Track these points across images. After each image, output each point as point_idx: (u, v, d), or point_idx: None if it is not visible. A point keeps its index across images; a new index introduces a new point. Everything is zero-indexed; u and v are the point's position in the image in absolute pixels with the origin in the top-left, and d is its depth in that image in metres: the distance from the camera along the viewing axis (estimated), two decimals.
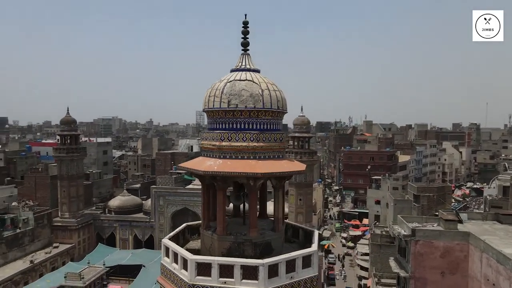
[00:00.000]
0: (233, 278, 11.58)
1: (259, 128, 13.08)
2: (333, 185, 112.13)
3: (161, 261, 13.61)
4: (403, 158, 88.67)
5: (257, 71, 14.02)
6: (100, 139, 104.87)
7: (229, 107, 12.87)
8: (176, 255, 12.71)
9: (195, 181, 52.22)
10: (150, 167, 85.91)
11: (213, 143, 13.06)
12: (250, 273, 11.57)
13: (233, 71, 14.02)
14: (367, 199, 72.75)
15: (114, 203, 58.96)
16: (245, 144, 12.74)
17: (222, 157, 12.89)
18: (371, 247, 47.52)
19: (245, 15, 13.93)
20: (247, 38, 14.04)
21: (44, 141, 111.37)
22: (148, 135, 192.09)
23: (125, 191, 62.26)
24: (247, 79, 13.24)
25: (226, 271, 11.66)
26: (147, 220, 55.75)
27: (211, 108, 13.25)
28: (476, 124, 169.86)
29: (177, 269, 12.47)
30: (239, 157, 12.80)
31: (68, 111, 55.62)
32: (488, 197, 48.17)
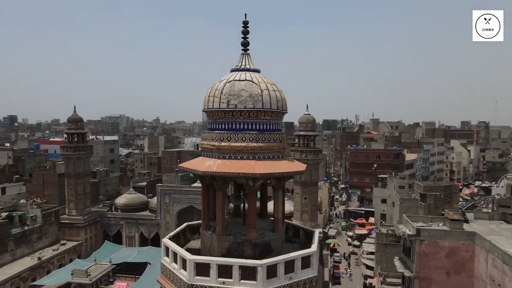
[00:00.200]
0: (232, 278, 11.60)
1: (259, 128, 13.05)
2: (339, 183, 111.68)
3: (161, 261, 13.69)
4: (410, 156, 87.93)
5: (257, 71, 13.98)
6: (107, 137, 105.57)
7: (228, 107, 12.86)
8: (175, 255, 12.77)
9: None
10: (156, 165, 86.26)
11: (213, 143, 13.07)
12: (248, 273, 11.58)
13: (233, 71, 14.01)
14: (373, 198, 72.33)
15: (120, 201, 59.27)
16: (244, 144, 12.73)
17: (221, 157, 12.90)
18: (376, 246, 47.27)
19: (245, 14, 13.91)
20: (247, 38, 14.01)
21: (51, 139, 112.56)
22: (155, 133, 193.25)
23: (132, 189, 62.57)
24: (246, 79, 13.21)
25: (224, 272, 11.68)
26: (153, 218, 55.99)
27: (210, 108, 13.25)
28: (485, 122, 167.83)
29: (177, 269, 12.53)
30: (239, 158, 12.79)
31: (75, 109, 56.01)
32: (496, 196, 47.57)
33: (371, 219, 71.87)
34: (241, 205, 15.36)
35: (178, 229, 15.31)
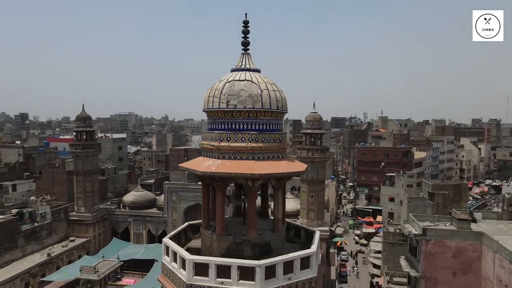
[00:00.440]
0: (230, 278, 11.62)
1: (258, 128, 13.01)
2: (347, 181, 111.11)
3: (162, 260, 13.77)
4: (419, 154, 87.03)
5: (257, 71, 13.92)
6: (115, 135, 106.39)
7: (228, 107, 12.83)
8: (175, 254, 12.82)
9: None
10: (164, 163, 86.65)
11: (212, 143, 13.07)
12: (247, 273, 11.58)
13: (233, 71, 13.97)
14: (380, 196, 71.79)
15: (128, 198, 59.71)
16: (243, 144, 12.70)
17: (221, 157, 12.89)
18: (383, 245, 46.96)
19: (246, 14, 13.83)
20: (248, 37, 13.94)
21: (61, 137, 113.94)
22: (163, 130, 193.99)
23: (139, 186, 62.96)
24: (246, 79, 13.17)
25: (223, 272, 11.70)
26: (160, 215, 56.36)
27: (210, 108, 13.25)
28: (496, 119, 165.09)
29: (176, 268, 12.58)
30: (238, 158, 12.77)
31: (83, 108, 56.46)
32: (506, 195, 46.81)
33: (379, 218, 71.35)
34: (242, 205, 15.35)
35: (179, 228, 15.39)
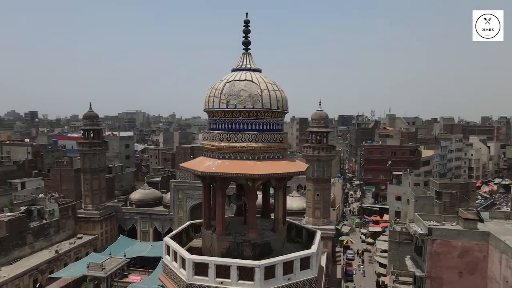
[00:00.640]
0: (230, 278, 11.64)
1: (258, 128, 12.98)
2: (354, 179, 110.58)
3: (163, 259, 13.84)
4: (427, 153, 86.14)
5: (258, 71, 13.88)
6: (122, 133, 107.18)
7: (228, 107, 12.83)
8: (175, 254, 12.88)
9: None
10: (170, 160, 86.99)
11: (213, 143, 13.08)
12: (246, 274, 11.59)
13: (234, 70, 13.94)
14: (387, 195, 71.31)
15: (135, 196, 60.15)
16: (244, 144, 12.69)
17: (221, 157, 12.90)
18: (389, 244, 46.71)
19: (246, 13, 13.78)
20: (248, 37, 13.89)
21: (69, 135, 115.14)
22: (170, 128, 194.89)
23: (146, 184, 63.37)
24: (246, 79, 13.14)
25: (223, 272, 11.73)
26: (167, 213, 56.71)
27: (210, 108, 13.25)
28: (506, 117, 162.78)
29: (176, 268, 12.64)
30: (238, 158, 12.76)
31: (90, 106, 56.87)
32: None
33: (386, 216, 70.90)
34: (243, 205, 15.35)
35: (181, 228, 15.46)
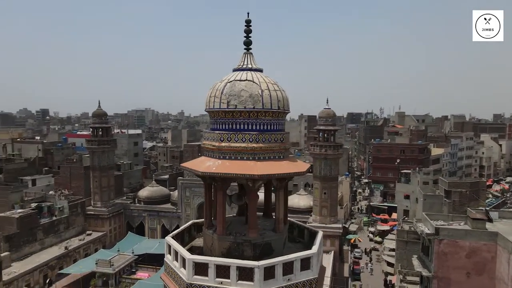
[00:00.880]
0: (229, 279, 11.66)
1: (259, 128, 12.94)
2: (362, 177, 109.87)
3: (165, 259, 13.93)
4: (437, 151, 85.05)
5: (259, 71, 13.82)
6: (131, 131, 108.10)
7: (229, 107, 12.81)
8: (176, 253, 12.95)
9: None
10: (178, 158, 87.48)
11: (213, 143, 13.09)
12: (246, 274, 11.60)
13: (235, 70, 13.91)
14: (395, 194, 70.61)
15: (143, 193, 60.61)
16: (244, 145, 12.67)
17: (221, 157, 12.90)
18: (397, 243, 46.32)
19: (248, 13, 13.71)
20: (250, 37, 13.82)
21: (79, 132, 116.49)
22: (179, 126, 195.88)
23: (154, 182, 63.79)
24: (247, 79, 13.09)
25: (223, 272, 11.76)
26: (174, 210, 57.05)
27: (211, 108, 13.25)
28: None
29: (177, 267, 12.71)
30: (239, 158, 12.75)
31: (99, 104, 57.35)
32: None
33: (394, 215, 70.29)
34: (244, 204, 15.33)
35: (183, 227, 15.52)
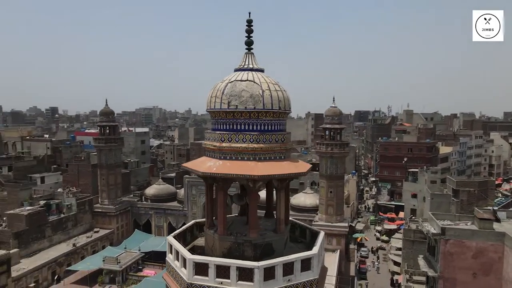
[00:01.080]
0: (229, 279, 11.70)
1: (260, 129, 12.94)
2: (369, 176, 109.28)
3: (166, 258, 14.02)
4: (445, 149, 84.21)
5: (261, 71, 13.80)
6: (138, 129, 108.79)
7: (229, 108, 12.82)
8: (178, 253, 13.03)
9: None
10: (185, 156, 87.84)
11: (214, 143, 13.12)
12: (246, 274, 11.63)
13: (236, 70, 13.91)
14: (403, 192, 70.21)
15: (150, 191, 60.98)
16: (245, 145, 12.68)
17: (222, 158, 12.93)
18: (403, 242, 46.11)
19: (249, 13, 13.66)
20: (251, 36, 13.80)
21: (87, 130, 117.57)
22: (186, 124, 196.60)
23: (161, 180, 64.16)
24: (248, 80, 13.09)
25: (222, 272, 11.80)
26: (181, 208, 57.33)
27: (212, 108, 13.29)
28: None
29: (178, 267, 12.79)
30: (239, 158, 12.77)
31: (106, 103, 57.73)
32: None
33: (401, 214, 69.89)
34: (246, 204, 15.35)
35: (184, 227, 15.61)
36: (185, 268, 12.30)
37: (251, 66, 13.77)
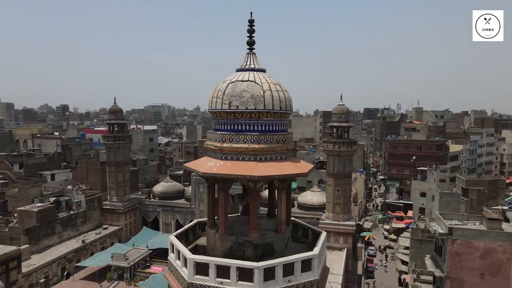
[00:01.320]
0: (230, 279, 11.73)
1: (261, 129, 12.90)
2: (378, 174, 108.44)
3: (168, 257, 14.11)
4: (455, 148, 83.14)
5: (262, 71, 13.74)
6: (146, 127, 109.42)
7: (230, 108, 12.81)
8: (179, 253, 13.10)
9: None
10: (193, 154, 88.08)
11: (215, 144, 13.13)
12: (246, 274, 11.65)
13: (238, 70, 13.87)
14: (411, 191, 69.54)
15: (158, 188, 61.33)
16: (245, 145, 12.67)
17: (223, 158, 12.94)
18: (411, 242, 45.72)
19: (251, 13, 13.61)
20: (253, 37, 13.74)
21: (96, 128, 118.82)
22: (194, 122, 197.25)
23: (168, 177, 64.50)
24: (249, 80, 13.04)
25: (223, 272, 11.84)
26: (188, 206, 57.59)
27: (213, 109, 13.29)
28: None
29: (179, 267, 12.87)
30: (240, 159, 12.76)
31: (115, 101, 58.20)
32: None
33: (410, 213, 69.27)
34: (248, 204, 15.35)
35: (187, 226, 15.70)
36: (186, 267, 12.37)
37: (252, 66, 13.72)
